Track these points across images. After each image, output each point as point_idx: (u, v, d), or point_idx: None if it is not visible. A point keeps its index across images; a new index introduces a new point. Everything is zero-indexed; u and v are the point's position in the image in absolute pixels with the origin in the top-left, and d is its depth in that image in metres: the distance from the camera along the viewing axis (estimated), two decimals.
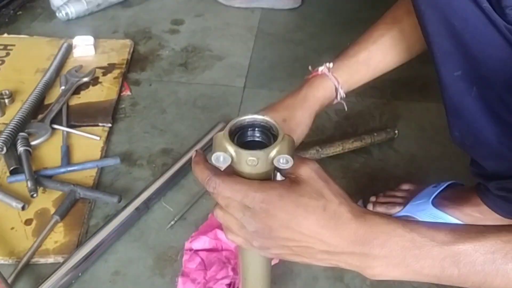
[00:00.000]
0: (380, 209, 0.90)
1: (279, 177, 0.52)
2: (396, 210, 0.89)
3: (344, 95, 0.78)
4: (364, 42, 0.77)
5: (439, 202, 0.86)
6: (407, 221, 0.50)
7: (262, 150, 0.47)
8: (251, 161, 0.47)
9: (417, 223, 0.50)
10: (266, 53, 1.43)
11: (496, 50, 0.57)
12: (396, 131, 1.12)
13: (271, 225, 0.49)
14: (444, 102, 0.69)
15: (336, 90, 0.77)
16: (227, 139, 0.48)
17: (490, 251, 0.47)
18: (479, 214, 0.81)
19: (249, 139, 0.50)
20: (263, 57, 1.41)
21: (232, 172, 0.50)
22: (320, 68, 0.76)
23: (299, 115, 0.73)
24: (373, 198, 0.93)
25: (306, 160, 0.51)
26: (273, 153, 0.47)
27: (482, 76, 0.61)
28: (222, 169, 0.50)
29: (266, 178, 0.50)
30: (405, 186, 0.95)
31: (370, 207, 0.91)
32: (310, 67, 0.79)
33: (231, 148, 0.47)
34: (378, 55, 0.77)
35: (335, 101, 0.79)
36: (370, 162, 1.07)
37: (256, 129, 0.50)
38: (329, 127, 1.14)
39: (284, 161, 0.47)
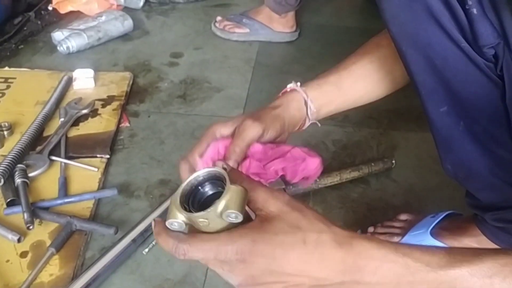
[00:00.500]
0: None
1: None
2: (394, 241, 0.88)
3: (315, 110, 0.73)
4: (335, 69, 0.76)
5: (438, 233, 0.85)
6: (400, 245, 0.47)
7: (207, 210, 0.44)
8: (202, 222, 0.45)
9: (410, 247, 0.47)
10: (263, 85, 1.44)
11: (477, 87, 0.59)
12: (394, 161, 1.12)
13: (252, 274, 0.45)
14: (433, 137, 0.70)
15: (306, 103, 0.72)
16: (176, 205, 0.45)
17: (487, 275, 0.45)
18: (477, 244, 0.81)
19: (204, 197, 0.48)
20: (261, 88, 1.43)
21: (197, 231, 0.46)
22: (289, 85, 0.73)
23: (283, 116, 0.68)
24: (371, 229, 0.93)
25: (275, 193, 0.47)
26: (220, 208, 0.44)
27: (467, 111, 0.63)
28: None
29: (236, 225, 0.46)
30: (403, 217, 0.94)
31: None
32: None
33: (181, 215, 0.45)
34: (348, 79, 0.75)
35: (308, 121, 0.74)
36: (368, 192, 1.07)
37: (206, 184, 0.47)
38: (327, 157, 1.15)
39: (233, 216, 0.44)
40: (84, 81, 1.36)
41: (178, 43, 1.65)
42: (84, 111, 1.24)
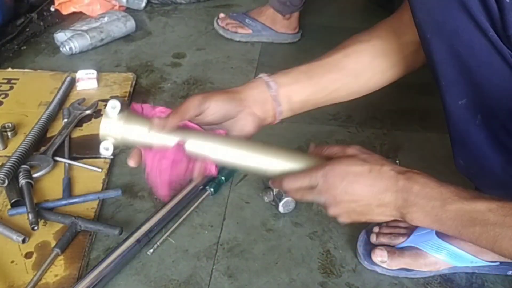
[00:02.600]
0: (384, 239, 0.89)
1: None
2: (399, 241, 0.88)
3: (283, 97, 0.73)
4: (307, 62, 0.76)
5: (443, 233, 0.85)
6: (442, 180, 0.60)
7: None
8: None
9: (451, 183, 0.60)
10: None
11: (501, 79, 0.58)
12: (397, 161, 1.12)
13: (333, 193, 0.62)
14: (448, 130, 0.69)
15: (268, 84, 0.73)
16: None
17: (502, 214, 0.54)
18: None
19: None
20: None
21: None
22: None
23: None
24: (376, 229, 0.92)
25: (350, 145, 0.67)
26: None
27: (486, 104, 0.62)
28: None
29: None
30: None
31: (373, 237, 0.90)
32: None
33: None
34: (320, 68, 0.74)
35: (279, 113, 0.74)
36: None
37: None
38: None
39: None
40: (87, 82, 1.36)
41: (181, 44, 1.65)
42: (88, 112, 1.24)
